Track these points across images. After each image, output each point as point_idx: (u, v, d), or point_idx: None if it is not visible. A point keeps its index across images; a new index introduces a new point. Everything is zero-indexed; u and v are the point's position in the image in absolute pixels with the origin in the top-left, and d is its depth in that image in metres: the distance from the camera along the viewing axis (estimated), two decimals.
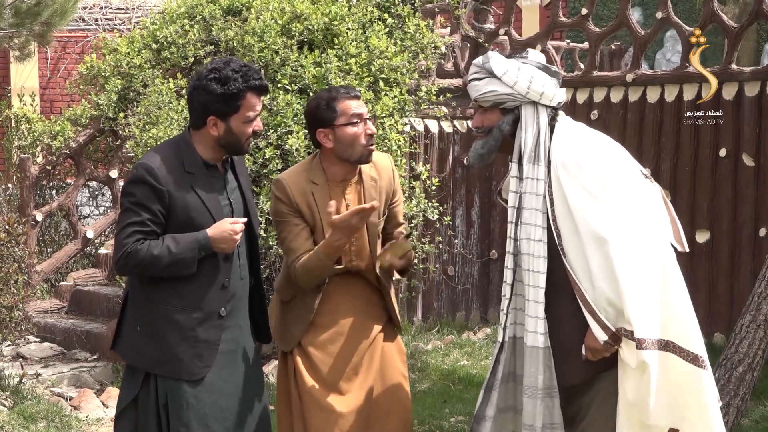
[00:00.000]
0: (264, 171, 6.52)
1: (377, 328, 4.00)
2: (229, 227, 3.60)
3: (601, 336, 3.43)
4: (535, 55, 3.67)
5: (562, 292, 3.54)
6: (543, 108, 3.60)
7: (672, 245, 3.58)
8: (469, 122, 8.40)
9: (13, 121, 9.84)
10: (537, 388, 3.55)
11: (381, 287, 4.03)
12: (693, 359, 3.45)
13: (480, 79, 3.62)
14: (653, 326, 3.42)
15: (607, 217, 3.43)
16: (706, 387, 3.48)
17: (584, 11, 8.18)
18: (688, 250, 3.68)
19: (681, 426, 3.50)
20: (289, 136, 6.47)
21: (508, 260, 3.64)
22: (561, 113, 3.68)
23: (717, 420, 3.49)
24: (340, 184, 3.91)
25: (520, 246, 3.58)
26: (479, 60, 3.65)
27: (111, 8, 14.48)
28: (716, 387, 3.62)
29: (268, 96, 6.51)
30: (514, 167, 3.61)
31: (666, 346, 3.44)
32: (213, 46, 7.56)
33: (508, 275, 3.65)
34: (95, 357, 7.41)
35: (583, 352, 3.52)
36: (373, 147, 3.90)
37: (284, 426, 3.98)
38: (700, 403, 3.47)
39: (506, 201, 3.73)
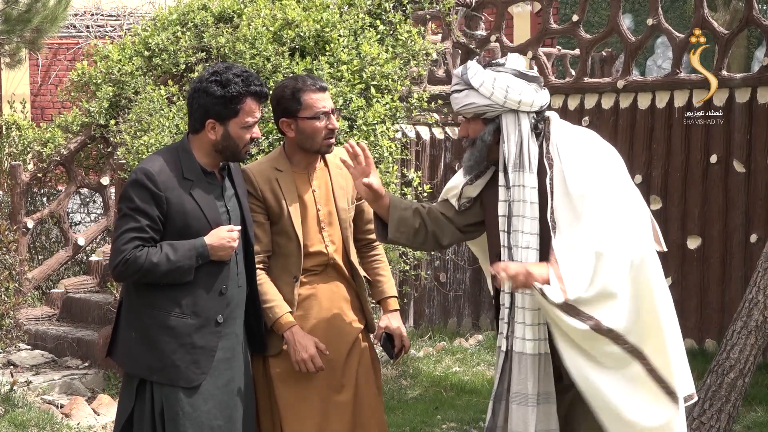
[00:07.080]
0: None
1: (354, 334, 3.97)
2: (226, 235, 3.60)
3: (558, 298, 3.32)
4: (513, 61, 3.61)
5: None
6: (524, 115, 3.56)
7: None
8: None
9: (3, 128, 9.80)
10: (527, 395, 3.51)
11: (357, 285, 4.01)
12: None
13: (460, 91, 3.59)
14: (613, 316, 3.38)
15: (612, 205, 3.43)
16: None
17: (575, 18, 8.19)
18: (666, 249, 3.68)
19: None
20: (281, 143, 6.46)
21: None
22: (551, 114, 3.65)
23: None
24: (304, 171, 3.92)
25: (512, 254, 3.55)
26: (459, 71, 3.62)
27: (102, 15, 14.47)
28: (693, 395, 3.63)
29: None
30: (500, 176, 3.59)
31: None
32: (204, 53, 7.56)
33: (506, 284, 3.58)
34: (86, 364, 7.38)
35: (497, 273, 3.40)
36: (333, 140, 3.89)
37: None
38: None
39: (462, 205, 3.74)
